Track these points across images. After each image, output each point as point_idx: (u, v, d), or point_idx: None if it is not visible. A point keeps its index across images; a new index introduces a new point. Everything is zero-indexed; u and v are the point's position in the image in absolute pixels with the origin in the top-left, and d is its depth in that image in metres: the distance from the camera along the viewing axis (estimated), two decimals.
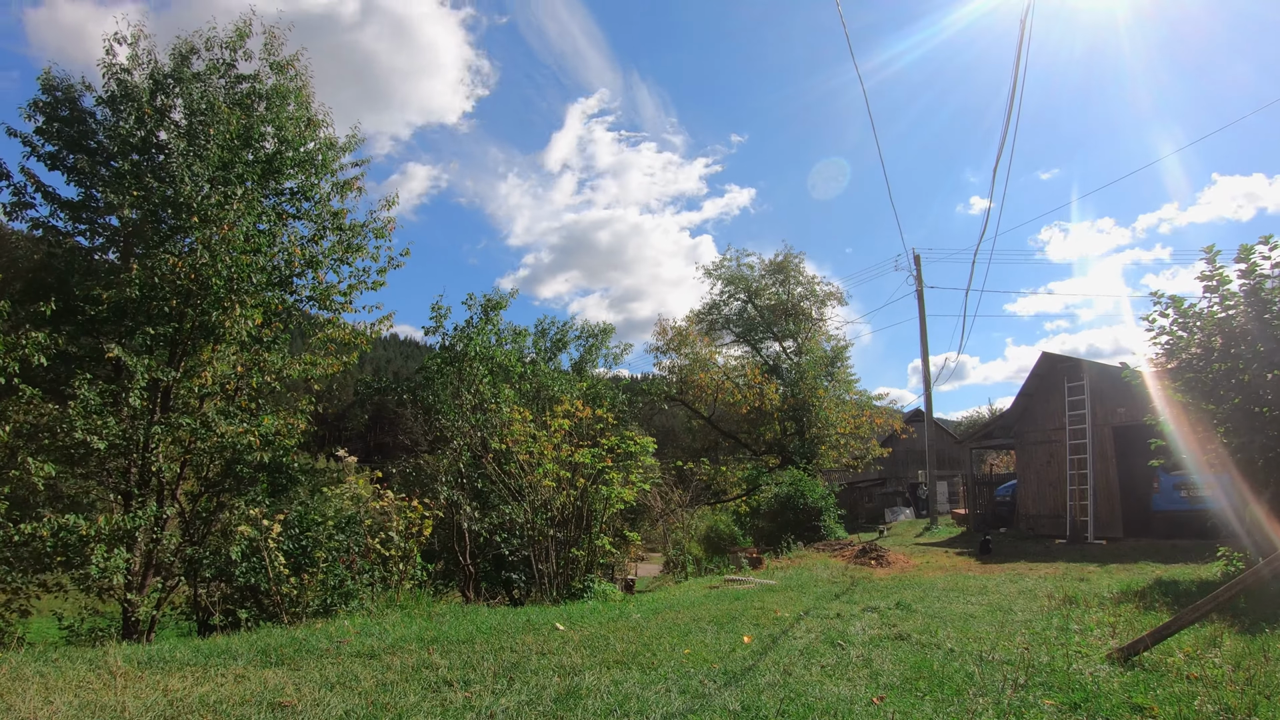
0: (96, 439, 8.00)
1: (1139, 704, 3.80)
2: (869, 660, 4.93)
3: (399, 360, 74.79)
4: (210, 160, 9.68)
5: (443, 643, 5.69)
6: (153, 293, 8.79)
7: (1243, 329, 7.53)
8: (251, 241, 9.62)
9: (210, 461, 9.69)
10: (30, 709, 3.75)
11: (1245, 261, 7.54)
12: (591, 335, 21.57)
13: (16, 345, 7.25)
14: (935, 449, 24.15)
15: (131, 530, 8.10)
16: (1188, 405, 8.17)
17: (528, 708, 3.92)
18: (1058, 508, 16.03)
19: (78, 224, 10.24)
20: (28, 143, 9.76)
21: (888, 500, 31.57)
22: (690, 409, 29.95)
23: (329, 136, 11.54)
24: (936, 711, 3.80)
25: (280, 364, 9.88)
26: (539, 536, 10.81)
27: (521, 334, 17.58)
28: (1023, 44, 8.78)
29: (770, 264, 29.93)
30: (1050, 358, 16.97)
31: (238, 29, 10.70)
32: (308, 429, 10.57)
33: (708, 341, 30.08)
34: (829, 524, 19.48)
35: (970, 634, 5.84)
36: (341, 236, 11.42)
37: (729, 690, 4.24)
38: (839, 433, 25.91)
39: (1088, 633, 5.76)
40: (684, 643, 5.74)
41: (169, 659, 5.02)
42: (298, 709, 3.85)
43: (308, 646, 5.43)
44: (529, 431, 11.54)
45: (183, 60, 10.28)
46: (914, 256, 23.90)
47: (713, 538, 20.41)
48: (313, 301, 11.25)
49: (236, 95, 10.64)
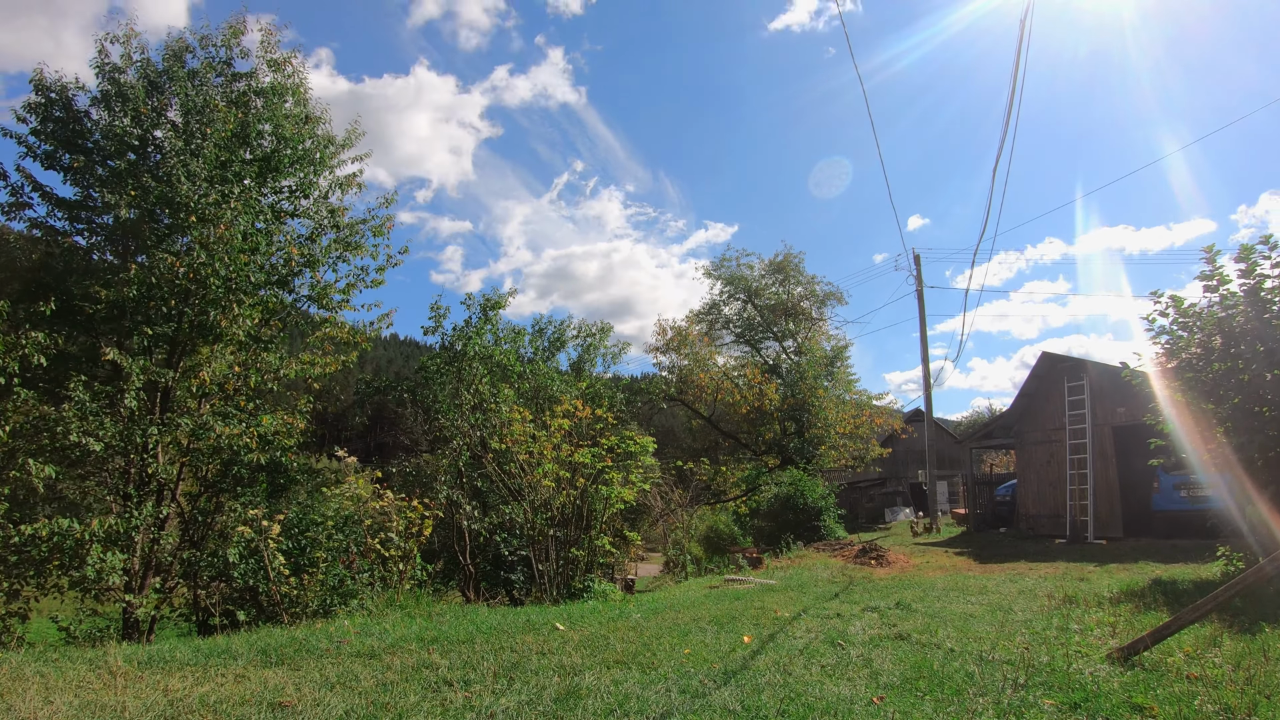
0: (93, 440, 7.98)
1: (1139, 704, 3.80)
2: (869, 660, 4.93)
3: (399, 360, 74.74)
4: (207, 159, 9.65)
5: (443, 643, 5.69)
6: (151, 292, 8.77)
7: (1243, 329, 7.54)
8: (249, 240, 9.60)
9: (208, 462, 9.68)
10: (30, 709, 3.74)
11: (1245, 261, 7.54)
12: (589, 334, 21.55)
13: (16, 345, 7.24)
14: (935, 449, 24.13)
15: (128, 532, 8.09)
16: (1188, 405, 8.17)
17: (528, 708, 3.92)
18: (1058, 507, 16.03)
19: (75, 224, 10.23)
20: (23, 143, 9.74)
21: (888, 500, 31.56)
22: (690, 409, 29.95)
23: (327, 133, 11.52)
24: (936, 711, 3.79)
25: (278, 363, 9.86)
26: (539, 536, 10.80)
27: (519, 333, 17.57)
28: (1022, 44, 8.78)
29: (770, 264, 29.95)
30: (1050, 358, 16.97)
31: (231, 27, 10.66)
32: (307, 429, 10.56)
33: (708, 341, 30.09)
34: (829, 524, 19.48)
35: (970, 634, 5.84)
36: (340, 234, 11.41)
37: (729, 690, 4.24)
38: (839, 433, 25.91)
39: (1088, 632, 5.76)
40: (684, 643, 5.74)
41: (169, 659, 5.01)
42: (298, 709, 3.85)
43: (308, 646, 5.43)
44: (529, 431, 11.53)
45: (176, 59, 10.26)
46: (914, 257, 23.91)
47: (713, 538, 20.42)
48: (311, 300, 11.22)
49: (233, 93, 10.62)
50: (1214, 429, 7.99)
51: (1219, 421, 7.88)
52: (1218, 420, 7.89)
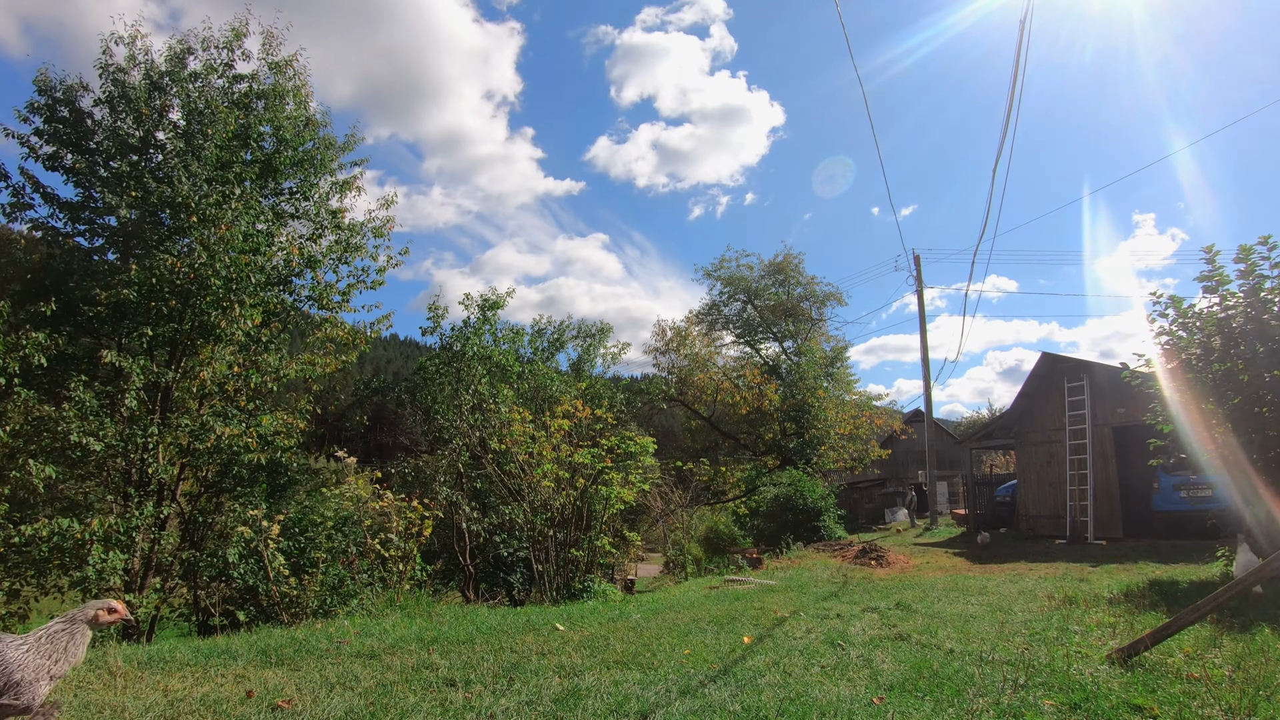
0: (93, 441, 7.98)
1: (1139, 704, 3.80)
2: (869, 660, 4.93)
3: (399, 360, 74.71)
4: (208, 160, 9.67)
5: (443, 643, 5.68)
6: (151, 293, 8.79)
7: (1242, 329, 7.54)
8: (250, 241, 9.61)
9: (208, 463, 9.68)
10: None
11: (1245, 262, 7.54)
12: (589, 335, 21.56)
13: (17, 345, 7.24)
14: (935, 449, 24.14)
15: (128, 531, 8.09)
16: (1189, 405, 8.17)
17: (528, 708, 3.92)
18: (1058, 508, 16.03)
19: (77, 224, 10.25)
20: (24, 143, 9.74)
21: (888, 500, 31.56)
22: (690, 409, 29.95)
23: (328, 136, 11.54)
24: (936, 712, 3.79)
25: (278, 364, 9.87)
26: (539, 537, 10.80)
27: (519, 334, 17.56)
28: (1022, 45, 8.78)
29: (770, 264, 29.94)
30: (1050, 358, 16.96)
31: (234, 29, 10.68)
32: (307, 429, 10.57)
33: (707, 342, 30.10)
34: (829, 524, 19.48)
35: (970, 634, 5.84)
36: (340, 236, 11.42)
37: (729, 690, 4.24)
38: (839, 433, 25.91)
39: (1087, 633, 5.76)
40: (684, 643, 5.74)
41: (169, 659, 5.01)
42: (298, 709, 3.85)
43: (308, 647, 5.42)
44: (528, 432, 11.53)
45: (178, 61, 10.27)
46: (914, 257, 23.92)
47: (712, 538, 20.41)
48: (311, 301, 11.24)
49: (235, 95, 10.64)
50: (1215, 429, 7.99)
51: (1219, 421, 7.88)
52: (1217, 420, 7.90)
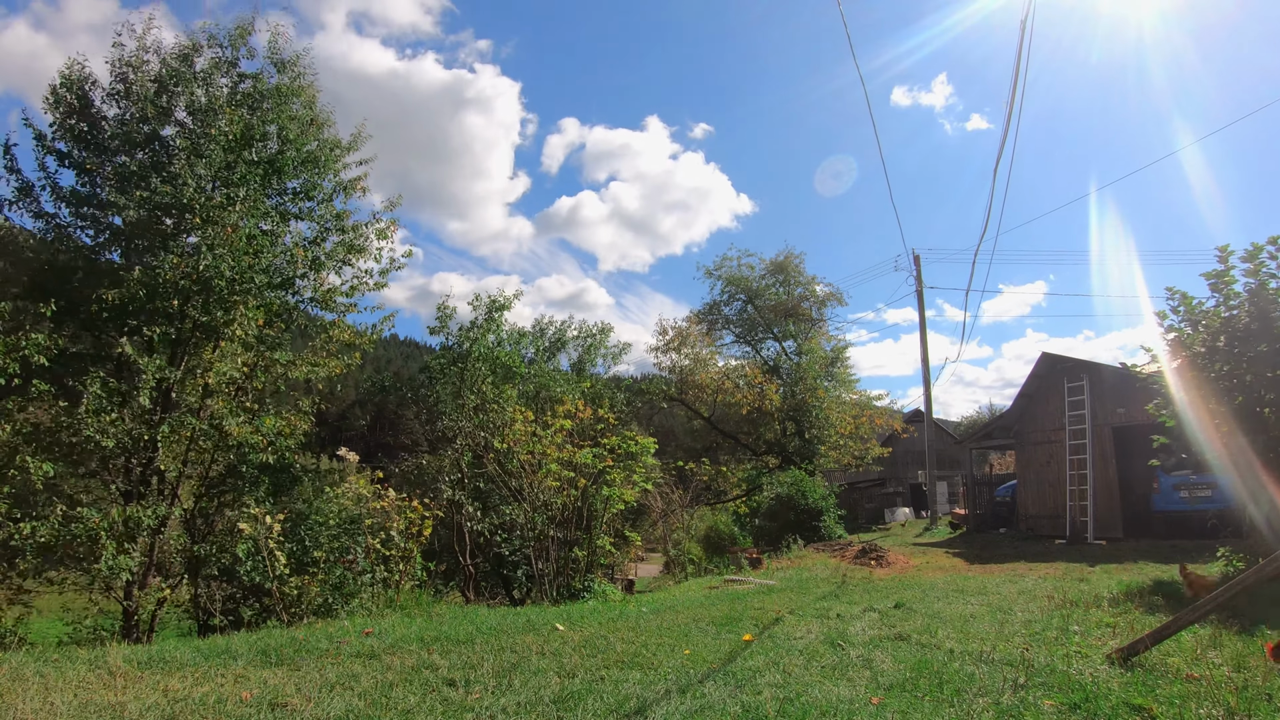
0: (105, 437, 8.02)
1: (1138, 704, 3.80)
2: (869, 661, 4.93)
3: (400, 360, 74.74)
4: (213, 160, 9.66)
5: (443, 643, 5.69)
6: (155, 293, 8.80)
7: (1246, 329, 7.52)
8: (254, 242, 9.61)
9: (213, 461, 9.70)
10: (30, 709, 3.75)
11: (1252, 261, 7.51)
12: (590, 335, 21.56)
13: (17, 346, 7.25)
14: (935, 449, 24.12)
15: (150, 521, 8.12)
16: (1195, 403, 8.15)
17: (528, 708, 3.92)
18: (1058, 508, 16.01)
19: (81, 220, 10.23)
20: (39, 137, 9.74)
21: (888, 500, 31.57)
22: (690, 409, 29.94)
23: (333, 137, 11.52)
24: (936, 712, 3.80)
25: (285, 365, 9.90)
26: (539, 536, 10.80)
27: (522, 334, 17.55)
28: (1022, 46, 8.78)
29: (771, 264, 29.93)
30: (1050, 358, 16.95)
31: (240, 26, 10.65)
32: (309, 429, 10.58)
33: (708, 341, 30.09)
34: (829, 524, 19.47)
35: (970, 634, 5.84)
36: (344, 237, 11.41)
37: (728, 690, 4.24)
38: (839, 433, 25.90)
39: (1087, 633, 5.76)
40: (684, 643, 5.75)
41: (169, 659, 5.02)
42: (298, 709, 3.86)
43: (308, 646, 5.43)
44: (531, 431, 11.54)
45: (184, 59, 10.26)
46: (914, 257, 23.90)
47: (713, 538, 20.42)
48: (315, 303, 11.23)
49: (240, 94, 10.62)
50: (1218, 428, 7.99)
51: (1221, 421, 7.87)
52: (1220, 420, 7.89)
